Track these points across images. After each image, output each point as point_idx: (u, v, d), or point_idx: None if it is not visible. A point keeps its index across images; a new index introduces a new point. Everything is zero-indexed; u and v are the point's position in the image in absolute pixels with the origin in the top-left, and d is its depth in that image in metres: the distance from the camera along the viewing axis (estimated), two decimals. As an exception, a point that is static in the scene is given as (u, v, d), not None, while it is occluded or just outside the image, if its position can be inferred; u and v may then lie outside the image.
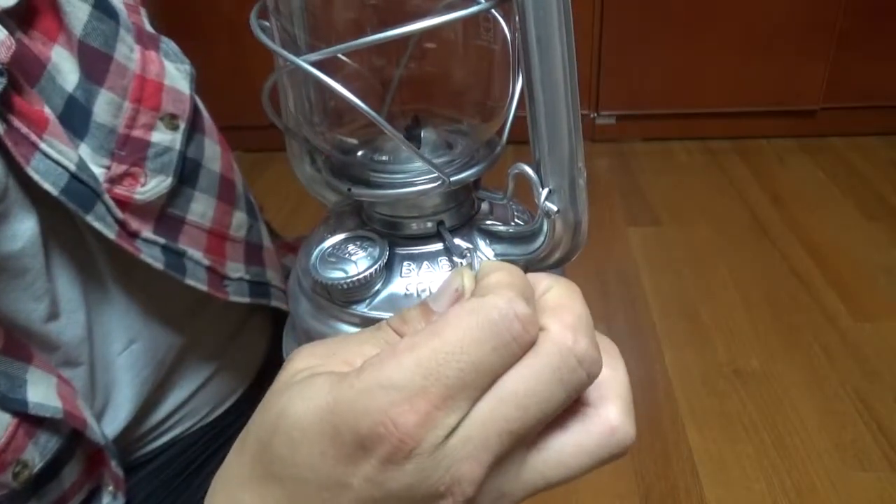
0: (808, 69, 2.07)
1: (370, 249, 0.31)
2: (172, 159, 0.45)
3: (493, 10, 0.29)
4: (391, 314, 0.28)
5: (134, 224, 0.44)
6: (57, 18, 0.41)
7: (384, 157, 0.32)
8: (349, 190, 0.31)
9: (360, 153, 0.33)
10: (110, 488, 0.46)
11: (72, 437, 0.42)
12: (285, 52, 0.27)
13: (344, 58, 0.31)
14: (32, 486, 0.39)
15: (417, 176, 0.31)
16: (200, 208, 0.48)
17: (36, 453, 0.39)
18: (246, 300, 0.51)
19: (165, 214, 0.46)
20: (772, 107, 2.16)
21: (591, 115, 2.17)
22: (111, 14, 0.42)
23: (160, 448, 0.55)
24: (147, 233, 0.45)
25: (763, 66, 2.07)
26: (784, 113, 2.18)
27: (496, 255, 0.32)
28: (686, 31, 2.05)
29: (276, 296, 0.54)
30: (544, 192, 0.28)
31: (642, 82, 2.08)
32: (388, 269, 0.31)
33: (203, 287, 0.48)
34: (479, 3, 0.27)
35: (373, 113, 0.26)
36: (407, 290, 0.30)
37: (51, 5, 0.41)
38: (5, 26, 0.37)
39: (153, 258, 0.44)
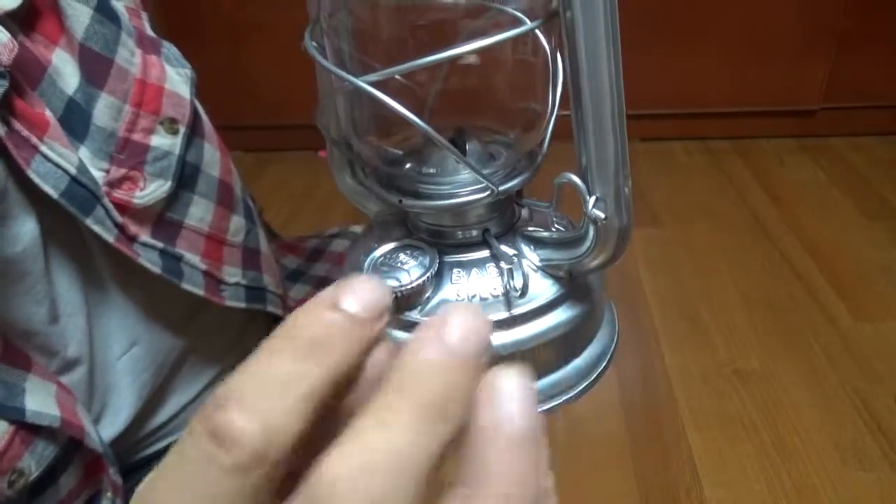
0: (808, 69, 2.07)
1: (421, 258, 0.32)
2: (172, 163, 0.45)
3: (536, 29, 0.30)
4: None
5: (132, 228, 0.44)
6: (59, 21, 0.41)
7: (432, 170, 0.33)
8: (400, 202, 0.32)
9: (407, 165, 0.34)
10: (109, 494, 0.46)
11: (69, 445, 0.42)
12: (344, 74, 0.28)
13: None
14: (29, 493, 0.39)
15: (464, 186, 0.32)
16: (199, 213, 0.48)
17: (32, 461, 0.39)
18: (242, 305, 0.51)
19: (164, 218, 0.46)
20: (772, 107, 2.16)
21: (591, 115, 2.16)
22: (113, 18, 0.42)
23: (158, 453, 0.55)
24: (145, 237, 0.45)
25: (763, 66, 2.07)
26: (784, 113, 2.18)
27: (541, 260, 0.33)
28: (686, 32, 2.05)
29: (273, 301, 0.54)
30: (592, 200, 0.29)
31: (642, 82, 2.08)
32: (438, 277, 0.32)
33: (200, 292, 0.47)
34: (524, 23, 0.28)
35: (430, 130, 0.27)
36: (458, 295, 0.31)
37: (52, 8, 0.40)
38: (7, 29, 0.37)
39: (151, 262, 0.44)
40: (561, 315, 0.33)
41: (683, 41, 2.06)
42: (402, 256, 0.32)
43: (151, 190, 0.44)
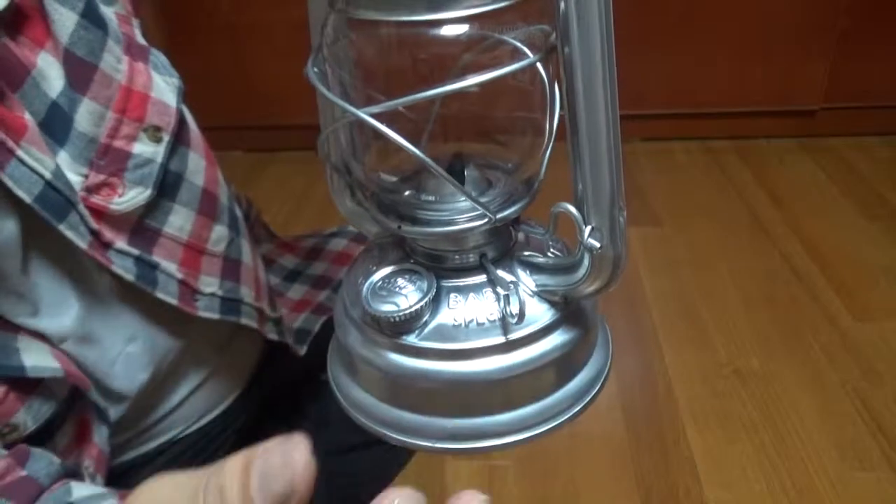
0: (808, 69, 2.07)
1: (419, 283, 0.32)
2: (153, 171, 0.45)
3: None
4: (441, 344, 0.30)
5: (108, 234, 0.44)
6: (45, 25, 0.41)
7: (430, 197, 0.33)
8: (399, 227, 0.33)
9: (406, 192, 0.34)
10: (90, 469, 0.46)
11: (67, 402, 0.43)
12: (346, 105, 0.29)
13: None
14: (26, 443, 0.40)
15: (462, 213, 0.32)
16: (179, 221, 0.48)
17: (28, 417, 0.40)
18: (215, 316, 0.51)
19: (142, 226, 0.46)
20: (772, 107, 2.16)
21: (591, 115, 2.16)
22: (100, 24, 0.42)
23: (149, 452, 0.55)
24: (121, 244, 0.45)
25: (763, 66, 2.07)
26: (784, 113, 2.18)
27: (537, 286, 0.33)
28: (686, 31, 2.05)
29: (247, 313, 0.54)
30: (587, 230, 0.30)
31: (642, 82, 2.08)
32: (435, 301, 0.32)
33: (173, 301, 0.48)
34: (525, 55, 0.29)
35: (429, 161, 0.28)
36: (455, 320, 0.32)
37: (39, 12, 0.40)
38: None
39: (124, 269, 0.45)
40: (556, 339, 0.33)
41: (683, 41, 2.06)
42: (399, 281, 0.33)
43: (130, 197, 0.44)
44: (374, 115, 0.28)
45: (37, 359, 0.40)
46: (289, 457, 0.22)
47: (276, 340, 0.59)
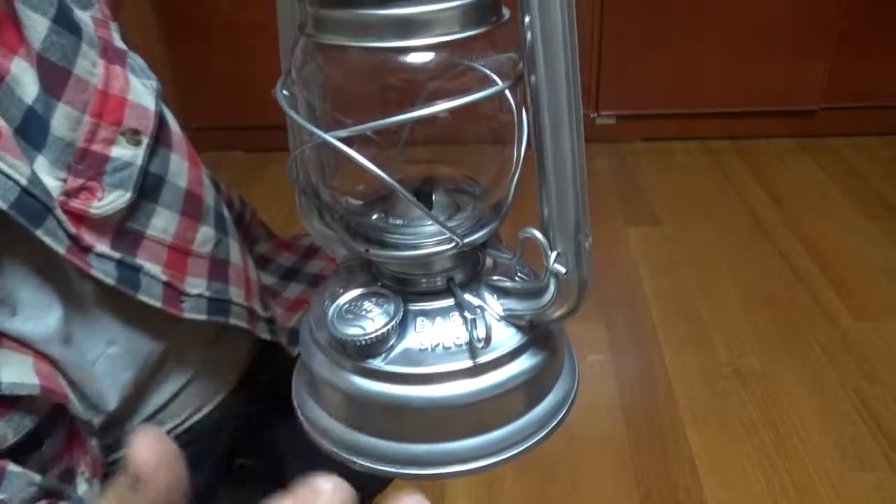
0: (808, 69, 2.07)
1: (385, 306, 0.32)
2: (133, 174, 0.45)
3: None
4: (407, 368, 0.31)
5: (88, 238, 0.44)
6: (17, 31, 0.41)
7: (398, 221, 0.33)
8: (366, 251, 0.33)
9: (374, 216, 0.34)
10: (85, 472, 0.46)
11: (53, 413, 0.43)
12: (314, 128, 0.29)
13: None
14: (9, 455, 0.40)
15: (429, 237, 0.32)
16: (162, 223, 0.48)
17: (9, 429, 0.39)
18: (202, 317, 0.51)
19: (124, 229, 0.46)
20: (772, 107, 2.16)
21: (591, 116, 2.16)
22: (73, 29, 0.42)
23: None
24: (102, 247, 0.44)
25: (763, 65, 2.07)
26: (784, 113, 2.18)
27: (504, 310, 0.33)
28: (686, 31, 2.05)
29: (236, 313, 0.54)
30: (553, 255, 0.30)
31: (642, 82, 2.08)
32: (402, 325, 0.32)
33: (157, 303, 0.47)
34: (494, 82, 0.29)
35: (398, 186, 0.28)
36: (421, 344, 0.32)
37: (11, 18, 0.40)
38: None
39: (105, 273, 0.44)
40: (524, 363, 0.33)
41: (684, 41, 2.06)
42: (366, 304, 0.33)
43: (110, 200, 0.44)
44: (342, 139, 0.28)
45: (16, 375, 0.39)
46: (135, 444, 0.24)
47: (269, 340, 0.59)
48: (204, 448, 0.59)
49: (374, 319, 0.31)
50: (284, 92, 0.32)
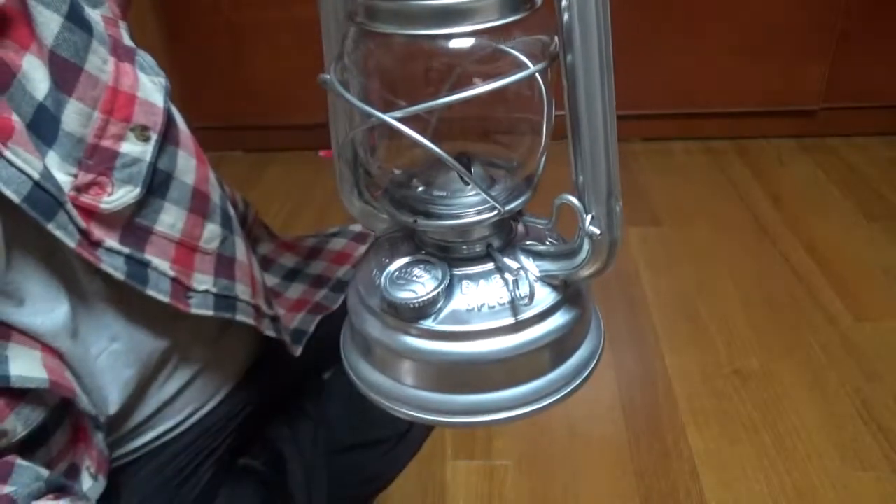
0: (808, 69, 2.07)
1: (433, 272, 0.35)
2: (142, 170, 0.45)
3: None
4: (456, 327, 0.34)
5: (98, 233, 0.44)
6: (29, 28, 0.41)
7: (442, 193, 0.36)
8: (415, 221, 0.36)
9: (419, 189, 0.37)
10: (91, 469, 0.46)
11: (60, 408, 0.43)
12: (373, 110, 0.32)
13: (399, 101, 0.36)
14: (18, 452, 0.40)
15: (470, 207, 0.36)
16: (170, 219, 0.48)
17: (18, 423, 0.40)
18: (209, 313, 0.51)
19: (133, 224, 0.47)
20: (772, 107, 2.16)
21: (591, 115, 2.16)
22: (84, 26, 0.43)
23: (138, 449, 0.55)
24: (111, 242, 0.45)
25: (763, 66, 2.07)
26: (784, 113, 2.18)
27: (540, 271, 0.36)
28: (686, 31, 2.05)
29: (242, 310, 0.54)
30: (588, 218, 0.33)
31: (642, 82, 2.08)
32: (448, 288, 0.35)
33: (165, 298, 0.48)
34: (527, 65, 0.32)
35: (454, 162, 0.32)
36: (468, 305, 0.35)
37: (23, 14, 0.41)
38: None
39: (114, 268, 0.45)
40: (559, 319, 0.36)
41: (684, 41, 2.06)
42: (416, 271, 0.36)
43: (119, 195, 0.45)
44: (398, 119, 0.31)
45: (24, 368, 0.40)
46: None
47: (273, 338, 0.59)
48: (204, 447, 0.59)
49: (424, 284, 0.35)
50: (327, 76, 0.35)
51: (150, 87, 0.47)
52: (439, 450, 1.17)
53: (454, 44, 0.31)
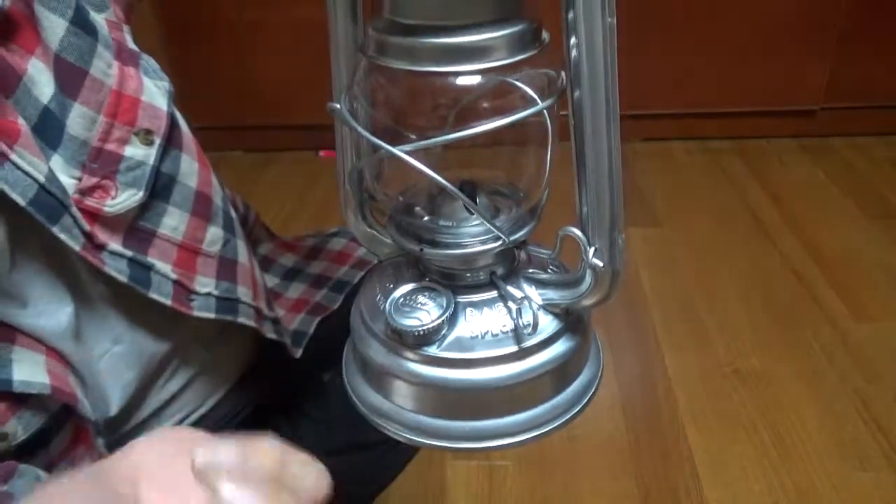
0: (808, 69, 2.07)
1: (438, 299, 0.36)
2: (145, 173, 0.46)
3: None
4: (459, 354, 0.34)
5: (102, 236, 0.44)
6: (35, 32, 0.41)
7: (448, 223, 0.37)
8: (421, 250, 0.37)
9: (425, 218, 0.38)
10: None
11: (61, 412, 0.43)
12: (382, 143, 0.32)
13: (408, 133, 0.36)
14: (18, 454, 0.41)
15: (475, 236, 0.36)
16: (173, 222, 0.49)
17: (19, 426, 0.40)
18: (211, 315, 0.52)
19: (136, 227, 0.47)
20: (772, 107, 2.16)
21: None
22: (89, 30, 0.43)
23: None
24: (115, 245, 0.45)
25: (763, 65, 2.07)
26: (784, 113, 2.18)
27: (543, 299, 0.37)
28: (686, 31, 2.05)
29: (244, 312, 0.54)
30: (591, 250, 0.33)
31: (642, 82, 2.08)
32: (453, 316, 0.36)
33: (167, 301, 0.48)
34: (533, 100, 0.32)
35: (462, 195, 0.33)
36: (472, 332, 0.35)
37: (29, 19, 0.41)
38: None
39: (117, 271, 0.45)
40: (561, 346, 0.37)
41: (683, 41, 2.06)
42: (420, 298, 0.36)
43: (123, 199, 0.45)
44: (407, 152, 0.31)
45: (27, 373, 0.40)
46: (320, 481, 0.25)
47: (274, 339, 0.59)
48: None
49: (429, 311, 0.35)
50: (337, 105, 0.35)
51: (154, 91, 0.47)
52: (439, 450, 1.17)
53: (463, 80, 0.32)
